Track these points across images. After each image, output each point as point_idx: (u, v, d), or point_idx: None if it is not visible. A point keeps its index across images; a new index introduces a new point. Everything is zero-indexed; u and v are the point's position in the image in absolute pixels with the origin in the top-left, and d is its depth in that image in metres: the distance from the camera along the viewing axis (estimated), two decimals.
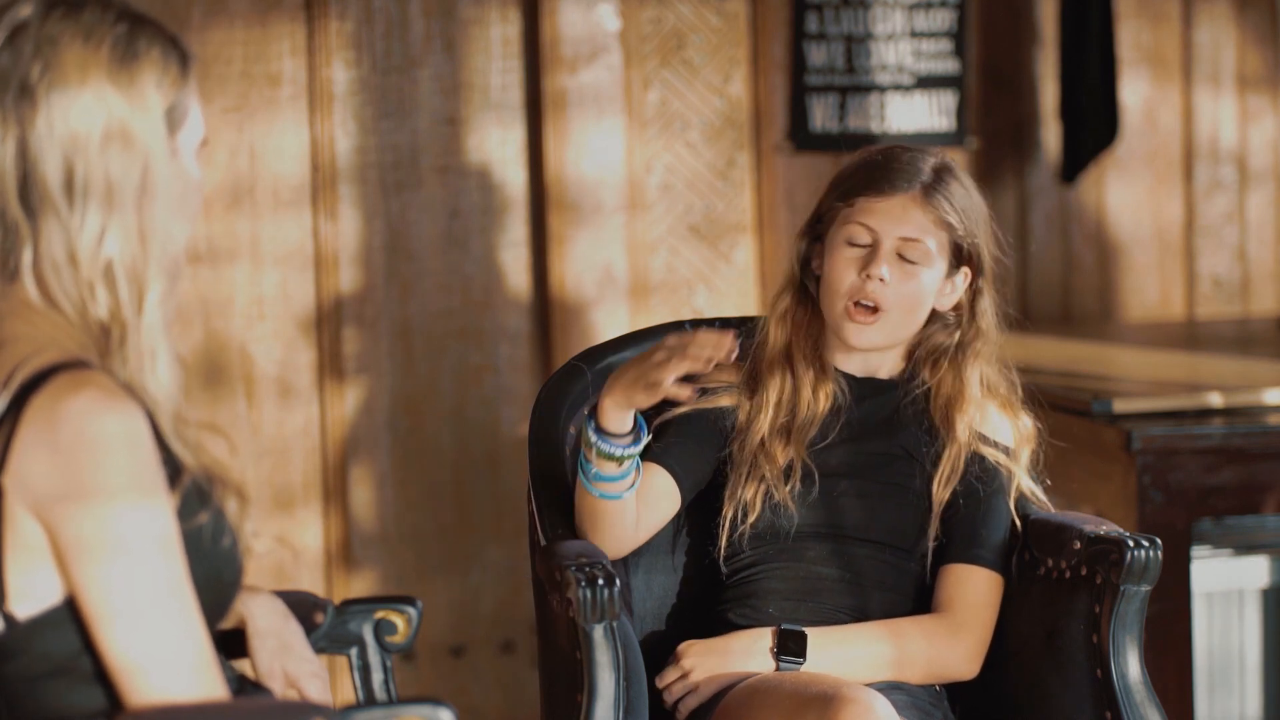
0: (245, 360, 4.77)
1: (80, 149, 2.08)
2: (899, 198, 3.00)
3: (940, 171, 3.03)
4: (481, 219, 4.88)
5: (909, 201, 3.00)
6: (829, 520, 3.05)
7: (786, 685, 2.85)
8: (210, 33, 4.70)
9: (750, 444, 3.05)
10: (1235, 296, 5.44)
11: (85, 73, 2.08)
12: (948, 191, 3.01)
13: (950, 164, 3.07)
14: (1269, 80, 5.42)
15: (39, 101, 2.07)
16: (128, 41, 2.11)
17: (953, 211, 3.01)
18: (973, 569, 3.03)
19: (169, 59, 2.14)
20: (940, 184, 3.01)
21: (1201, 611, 4.25)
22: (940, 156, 3.07)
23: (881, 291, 2.98)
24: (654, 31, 4.92)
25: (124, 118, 2.09)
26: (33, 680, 2.07)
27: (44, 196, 2.08)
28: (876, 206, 3.00)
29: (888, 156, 3.06)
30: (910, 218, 2.99)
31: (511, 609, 4.86)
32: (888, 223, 3.00)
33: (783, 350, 3.08)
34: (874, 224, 3.00)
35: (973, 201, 3.05)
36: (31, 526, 2.02)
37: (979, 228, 3.05)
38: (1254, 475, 3.98)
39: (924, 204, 3.00)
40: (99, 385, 2.02)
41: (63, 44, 2.09)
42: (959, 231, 3.02)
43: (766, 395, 3.06)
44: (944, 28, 5.11)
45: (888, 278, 2.98)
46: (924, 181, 3.01)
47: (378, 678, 2.76)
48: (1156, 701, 2.93)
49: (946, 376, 3.06)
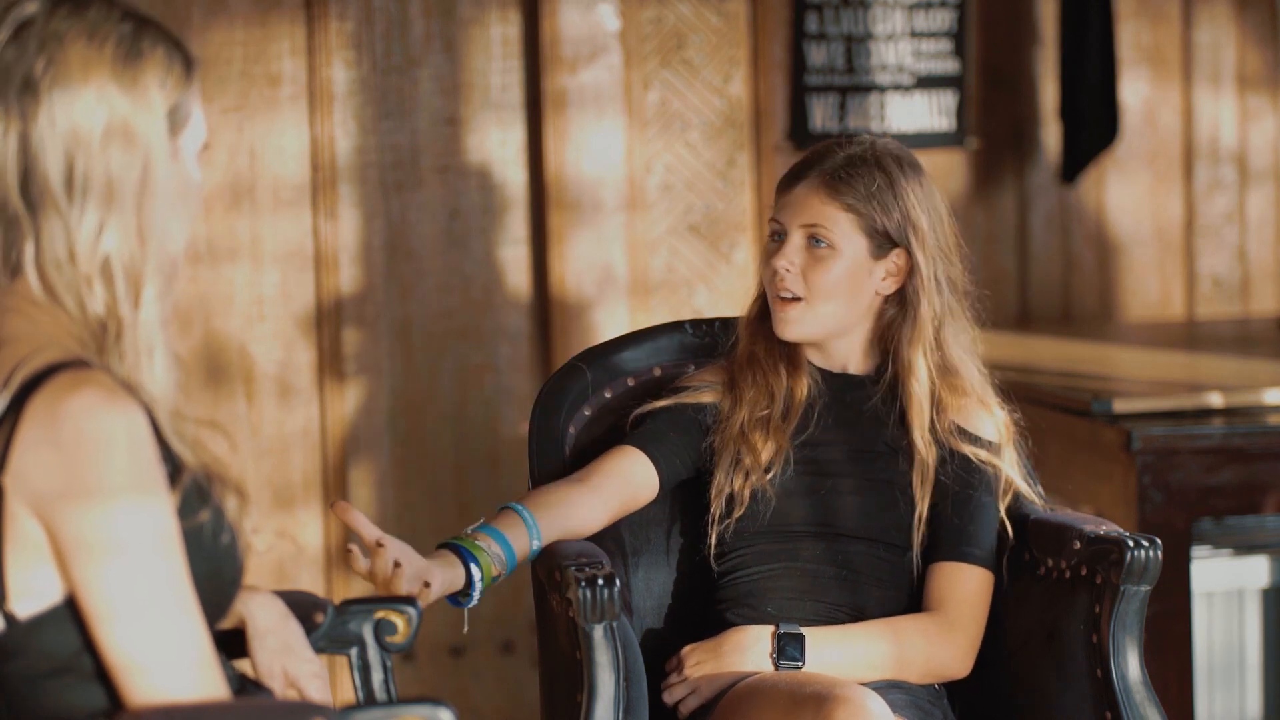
0: (245, 360, 4.77)
1: (81, 145, 2.08)
2: (799, 188, 3.07)
3: (854, 159, 3.05)
4: (481, 219, 4.88)
5: (808, 191, 3.06)
6: (822, 518, 3.05)
7: (783, 685, 2.86)
8: (210, 33, 4.70)
9: (730, 436, 3.07)
10: (1235, 296, 5.44)
11: (89, 70, 2.09)
12: (853, 175, 3.04)
13: (878, 151, 3.07)
14: (1269, 80, 5.42)
15: (42, 97, 2.08)
16: (132, 41, 2.12)
17: (857, 195, 3.03)
18: (962, 566, 3.03)
19: (173, 60, 2.14)
20: (847, 168, 3.04)
21: (1201, 611, 4.25)
22: (871, 145, 3.08)
23: (792, 281, 3.05)
24: (654, 31, 4.92)
25: (126, 116, 2.10)
26: (33, 679, 2.07)
27: (44, 191, 2.08)
28: (782, 201, 3.10)
29: (806, 154, 3.13)
30: (809, 205, 3.05)
31: (511, 609, 4.86)
32: (790, 213, 3.07)
33: (757, 351, 3.13)
34: (781, 217, 3.09)
35: (896, 186, 3.04)
36: (32, 525, 2.02)
37: (903, 210, 3.05)
38: (1254, 475, 3.98)
39: (825, 190, 3.04)
40: (99, 384, 2.02)
41: (67, 41, 2.09)
42: (866, 212, 3.03)
43: (745, 392, 3.10)
44: (944, 28, 5.11)
45: (792, 267, 3.05)
46: (827, 169, 3.05)
47: (378, 678, 2.75)
48: (1156, 701, 2.93)
49: (903, 369, 3.07)
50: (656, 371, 3.28)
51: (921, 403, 3.05)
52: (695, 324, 3.33)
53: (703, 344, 3.29)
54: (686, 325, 3.33)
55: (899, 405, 3.07)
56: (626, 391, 3.25)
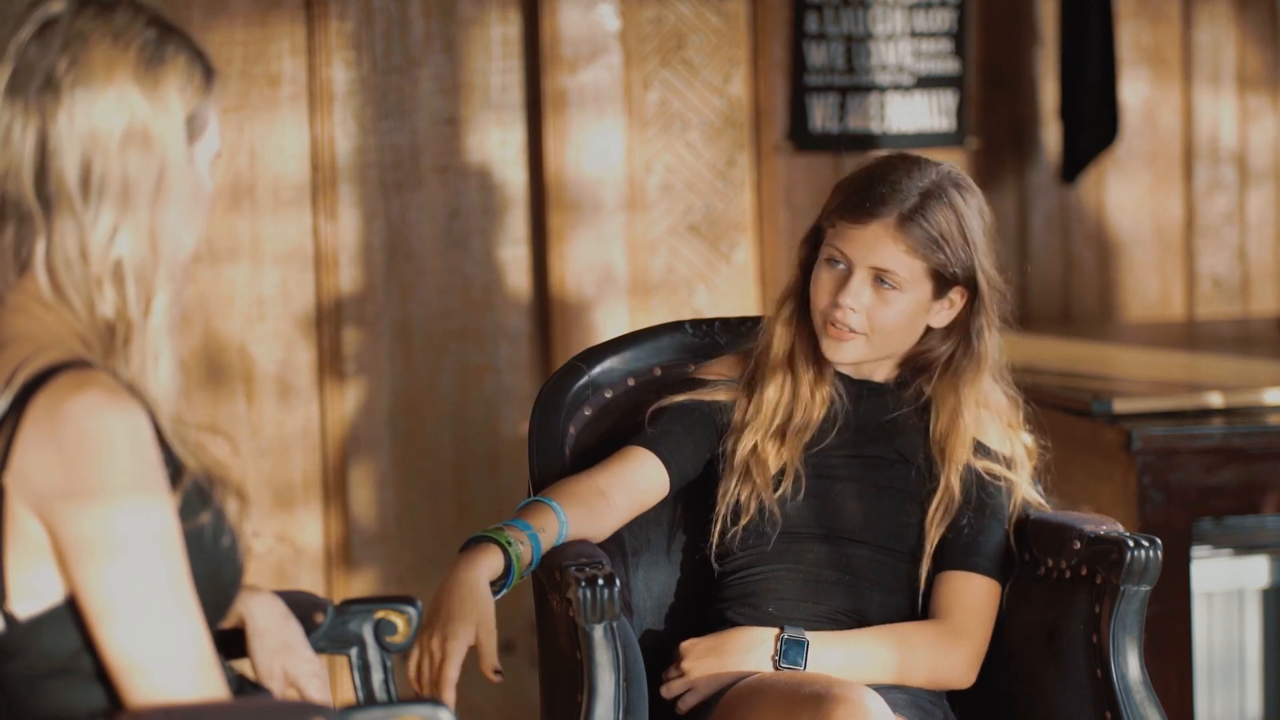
0: (245, 360, 4.77)
1: (100, 146, 2.09)
2: (873, 226, 2.97)
3: (927, 195, 2.97)
4: (481, 219, 4.88)
5: (882, 231, 2.96)
6: (828, 522, 3.05)
7: (782, 684, 2.86)
8: (210, 33, 4.70)
9: (744, 445, 3.05)
10: (1235, 296, 5.44)
11: (111, 72, 2.09)
12: (928, 219, 2.96)
13: (945, 183, 3.00)
14: (1269, 80, 5.42)
15: (63, 96, 2.08)
16: (156, 46, 2.12)
17: (931, 241, 2.96)
18: (971, 576, 3.03)
19: (194, 68, 2.15)
20: (922, 210, 2.96)
21: (1201, 611, 4.25)
22: (936, 175, 3.00)
23: (852, 319, 2.99)
24: (654, 31, 4.92)
25: (146, 119, 2.10)
26: (33, 679, 2.07)
27: (60, 190, 2.08)
28: (851, 234, 2.98)
29: (872, 178, 3.01)
30: (882, 248, 2.97)
31: (511, 609, 4.85)
32: (860, 251, 2.98)
33: (785, 355, 3.09)
34: (848, 251, 2.99)
35: (965, 223, 2.99)
36: (33, 525, 2.02)
37: (970, 250, 3.00)
38: (1254, 475, 3.98)
39: (898, 233, 2.96)
40: (101, 385, 2.02)
41: (92, 41, 2.09)
42: (939, 259, 2.98)
43: (765, 396, 3.07)
44: (944, 28, 5.11)
45: (858, 307, 2.98)
46: (903, 210, 2.96)
47: (378, 678, 2.76)
48: (1156, 701, 2.93)
49: (945, 394, 3.04)
50: (656, 371, 3.28)
51: (967, 438, 3.02)
52: (695, 324, 3.32)
53: (703, 344, 3.29)
54: (686, 325, 3.32)
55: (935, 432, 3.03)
56: (626, 391, 3.25)
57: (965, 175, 3.05)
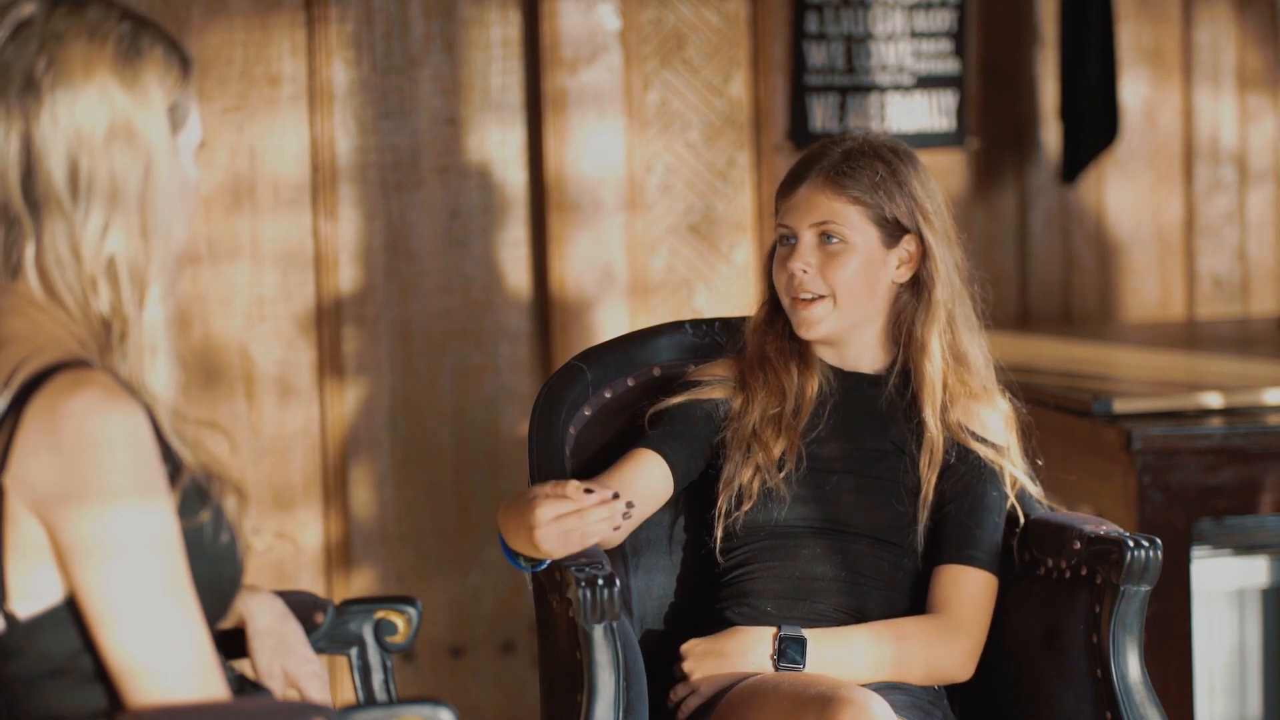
0: (245, 360, 4.77)
1: (85, 145, 2.08)
2: (803, 189, 3.08)
3: (850, 152, 3.07)
4: (481, 219, 4.88)
5: (812, 190, 3.07)
6: (824, 515, 3.06)
7: (784, 686, 2.86)
8: (210, 33, 4.70)
9: (743, 432, 3.07)
10: (1235, 296, 5.44)
11: (90, 69, 2.09)
12: (854, 168, 3.05)
13: (872, 142, 3.09)
14: (1269, 80, 5.42)
15: (44, 97, 2.08)
16: (132, 39, 2.12)
17: (860, 186, 3.05)
18: (967, 570, 3.03)
19: (171, 59, 2.14)
20: (847, 162, 3.06)
21: (1201, 611, 4.24)
22: (863, 138, 3.10)
23: (809, 281, 3.05)
24: (654, 31, 4.92)
25: (128, 114, 2.10)
26: (33, 680, 2.07)
27: (48, 192, 2.08)
28: (787, 203, 3.10)
29: (802, 157, 3.14)
30: (816, 204, 3.06)
31: (511, 609, 4.86)
32: (798, 215, 3.08)
33: (758, 357, 3.13)
34: (789, 220, 3.09)
35: (897, 174, 3.06)
36: (32, 526, 2.02)
37: (909, 199, 3.07)
38: (1254, 475, 3.98)
39: (826, 186, 3.06)
40: (100, 384, 2.02)
41: (68, 40, 2.09)
42: (872, 201, 3.05)
43: (758, 390, 3.10)
44: (944, 28, 5.11)
45: (809, 267, 3.05)
46: (827, 165, 3.06)
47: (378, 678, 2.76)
48: (1156, 701, 2.93)
49: (916, 352, 3.08)
50: (656, 371, 3.28)
51: (934, 383, 3.06)
52: (695, 324, 3.33)
53: (703, 344, 3.29)
54: (686, 325, 3.33)
55: (910, 392, 3.07)
56: (626, 391, 3.25)
57: (903, 143, 3.14)
